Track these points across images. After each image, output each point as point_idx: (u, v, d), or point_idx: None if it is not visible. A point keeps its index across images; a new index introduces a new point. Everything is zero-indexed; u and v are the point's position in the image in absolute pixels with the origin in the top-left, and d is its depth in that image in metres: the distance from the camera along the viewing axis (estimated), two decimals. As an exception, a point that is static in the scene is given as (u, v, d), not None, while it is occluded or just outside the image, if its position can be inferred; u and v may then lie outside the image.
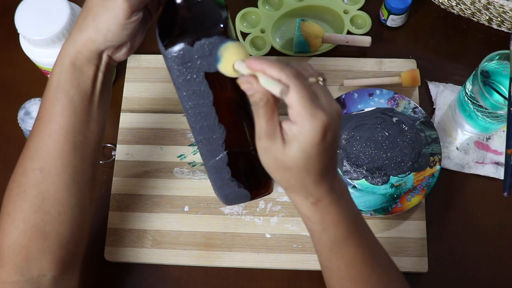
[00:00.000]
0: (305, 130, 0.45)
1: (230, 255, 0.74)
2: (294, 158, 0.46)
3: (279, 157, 0.47)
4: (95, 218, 0.77)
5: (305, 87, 0.45)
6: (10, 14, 0.72)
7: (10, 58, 0.84)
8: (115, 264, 0.75)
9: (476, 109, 0.73)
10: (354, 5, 0.88)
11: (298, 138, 0.45)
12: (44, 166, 0.56)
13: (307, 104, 0.44)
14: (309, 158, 0.46)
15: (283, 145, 0.46)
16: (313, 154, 0.46)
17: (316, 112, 0.44)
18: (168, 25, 0.53)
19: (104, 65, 0.57)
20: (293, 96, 0.45)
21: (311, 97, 0.45)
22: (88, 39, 0.54)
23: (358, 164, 0.77)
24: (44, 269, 0.57)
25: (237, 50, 0.49)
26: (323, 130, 0.45)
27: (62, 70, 0.55)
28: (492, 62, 0.74)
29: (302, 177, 0.48)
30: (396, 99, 0.79)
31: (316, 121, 0.44)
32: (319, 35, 0.83)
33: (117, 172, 0.78)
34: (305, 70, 0.47)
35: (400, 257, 0.73)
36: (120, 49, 0.56)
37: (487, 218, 0.76)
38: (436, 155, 0.75)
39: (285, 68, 0.45)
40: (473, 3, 0.81)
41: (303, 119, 0.45)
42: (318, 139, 0.45)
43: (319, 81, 0.47)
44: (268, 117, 0.47)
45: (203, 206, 0.76)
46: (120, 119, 0.81)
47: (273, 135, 0.47)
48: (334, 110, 0.46)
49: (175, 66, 0.52)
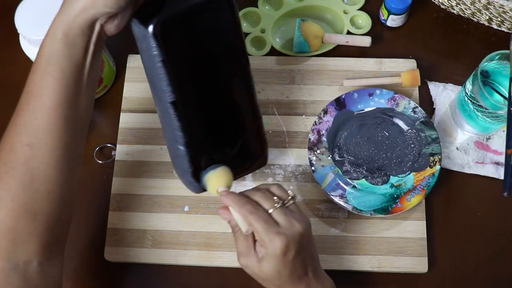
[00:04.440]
0: (269, 251, 0.56)
1: (230, 255, 0.74)
2: (267, 271, 0.57)
3: (256, 271, 0.58)
4: (95, 218, 0.77)
5: (263, 219, 0.56)
6: (10, 14, 0.72)
7: (10, 58, 0.84)
8: (115, 264, 0.75)
9: (476, 109, 0.73)
10: (354, 5, 0.88)
11: (265, 258, 0.56)
12: (34, 141, 0.55)
13: (266, 233, 0.55)
14: (278, 270, 0.57)
15: (257, 262, 0.57)
16: (281, 267, 0.56)
17: (274, 237, 0.55)
18: None
19: (96, 36, 0.56)
20: (255, 228, 0.56)
21: (269, 226, 0.56)
22: (85, 5, 0.53)
23: (358, 164, 0.77)
24: (30, 254, 0.56)
25: (219, 177, 0.60)
26: (283, 249, 0.55)
27: (55, 42, 0.54)
28: (492, 62, 0.74)
29: (278, 284, 0.58)
30: (396, 99, 0.79)
31: (275, 244, 0.55)
32: (319, 35, 0.83)
33: (117, 172, 0.78)
34: (268, 198, 0.58)
35: (400, 257, 0.73)
36: (113, 19, 0.56)
37: (487, 218, 0.76)
38: (436, 155, 0.75)
39: (244, 206, 0.57)
40: (473, 3, 0.81)
41: (265, 244, 0.56)
42: (280, 256, 0.56)
43: (286, 203, 0.58)
44: (242, 240, 0.58)
45: (203, 206, 0.76)
46: (120, 119, 0.81)
47: (248, 254, 0.58)
48: (293, 231, 0.56)
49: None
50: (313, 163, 0.76)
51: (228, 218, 0.59)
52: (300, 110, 0.81)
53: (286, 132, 0.80)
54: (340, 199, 0.74)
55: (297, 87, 0.83)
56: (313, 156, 0.76)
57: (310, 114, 0.81)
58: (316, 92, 0.82)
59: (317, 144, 0.77)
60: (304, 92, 0.82)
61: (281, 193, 0.59)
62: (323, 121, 0.78)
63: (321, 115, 0.78)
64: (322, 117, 0.78)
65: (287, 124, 0.81)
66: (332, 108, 0.79)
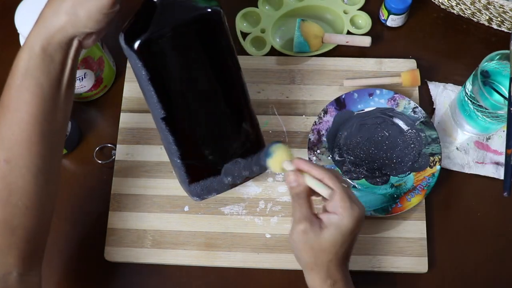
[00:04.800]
0: (345, 219, 0.55)
1: (230, 255, 0.74)
2: (330, 240, 0.56)
3: (315, 239, 0.56)
4: (95, 218, 0.77)
5: (343, 186, 0.56)
6: (10, 14, 0.72)
7: (10, 58, 0.84)
8: (115, 264, 0.74)
9: (476, 109, 0.73)
10: (354, 5, 0.88)
11: (337, 225, 0.55)
12: (11, 156, 0.55)
13: (347, 200, 0.56)
14: (343, 242, 0.56)
15: (320, 229, 0.56)
16: (346, 239, 0.56)
17: (354, 206, 0.56)
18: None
19: (74, 51, 0.56)
20: (336, 192, 0.56)
21: (349, 194, 0.56)
22: (65, 24, 0.53)
23: (358, 164, 0.77)
24: (10, 266, 0.56)
25: (286, 151, 0.60)
26: (358, 221, 0.56)
27: (32, 56, 0.54)
28: (492, 62, 0.74)
29: (330, 258, 0.57)
30: (396, 99, 0.79)
31: (354, 213, 0.55)
32: (319, 35, 0.83)
33: (117, 172, 0.78)
34: (339, 176, 0.59)
35: (400, 257, 0.73)
36: (90, 35, 0.56)
37: (487, 218, 0.76)
38: (436, 155, 0.75)
39: (327, 171, 0.58)
40: (473, 3, 0.81)
41: (344, 210, 0.55)
42: (354, 227, 0.56)
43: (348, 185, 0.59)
44: (307, 206, 0.58)
45: (203, 206, 0.76)
46: (120, 119, 0.81)
47: (312, 220, 0.57)
48: (364, 210, 0.57)
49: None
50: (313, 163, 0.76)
51: (297, 183, 0.58)
52: (300, 110, 0.81)
53: (286, 132, 0.80)
54: (340, 199, 0.74)
55: (297, 87, 0.83)
56: (313, 156, 0.76)
57: (310, 114, 0.81)
58: (316, 92, 0.82)
59: (317, 144, 0.77)
60: (304, 92, 0.82)
61: (342, 178, 0.61)
62: (323, 121, 0.78)
63: (321, 115, 0.78)
64: (322, 117, 0.78)
65: (287, 124, 0.81)
66: (332, 108, 0.79)
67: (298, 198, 0.58)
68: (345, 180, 0.62)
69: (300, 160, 0.59)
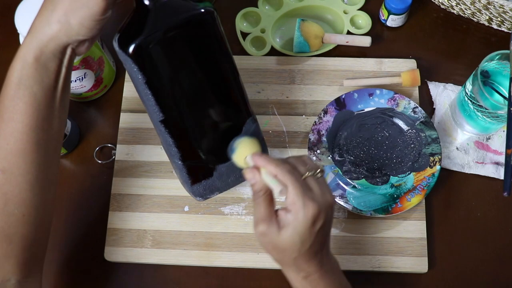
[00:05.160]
0: (299, 217, 0.52)
1: (230, 255, 0.74)
2: (288, 241, 0.53)
3: (275, 240, 0.54)
4: (95, 218, 0.77)
5: (299, 181, 0.53)
6: (10, 13, 0.72)
7: (10, 58, 0.84)
8: (115, 264, 0.74)
9: (476, 109, 0.73)
10: (354, 5, 0.88)
11: (292, 224, 0.53)
12: (6, 166, 0.55)
13: (300, 196, 0.52)
14: (301, 241, 0.53)
15: (278, 230, 0.53)
16: (305, 238, 0.53)
17: (308, 203, 0.52)
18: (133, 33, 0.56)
19: (67, 59, 0.56)
20: (290, 189, 0.52)
21: (304, 189, 0.53)
22: (58, 32, 0.53)
23: (358, 164, 0.77)
24: (8, 274, 0.56)
25: (249, 145, 0.57)
26: (313, 218, 0.52)
27: (25, 66, 0.54)
28: (492, 62, 0.74)
29: (295, 256, 0.54)
30: (396, 99, 0.79)
31: (308, 210, 0.52)
32: (319, 35, 0.83)
33: (117, 172, 0.78)
34: (302, 165, 0.55)
35: (400, 257, 0.73)
36: (84, 43, 0.56)
37: (487, 218, 0.76)
38: (436, 155, 0.75)
39: (282, 165, 0.54)
40: (473, 3, 0.81)
41: (296, 208, 0.52)
42: (309, 225, 0.52)
43: (316, 174, 0.55)
44: (266, 205, 0.55)
45: (203, 206, 0.76)
46: (120, 119, 0.81)
47: (269, 221, 0.54)
48: (325, 201, 0.54)
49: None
50: (313, 163, 0.76)
51: (254, 180, 0.55)
52: (300, 110, 0.81)
53: (286, 132, 0.80)
54: (340, 199, 0.74)
55: (297, 87, 0.83)
56: (313, 156, 0.76)
57: (310, 114, 0.81)
58: (316, 92, 0.82)
59: (317, 144, 0.77)
60: (304, 92, 0.82)
61: (311, 162, 0.57)
62: (323, 121, 0.78)
63: (321, 115, 0.78)
64: (322, 117, 0.78)
65: (287, 124, 0.81)
66: (332, 108, 0.79)
67: (257, 197, 0.55)
68: (317, 167, 0.56)
69: (257, 155, 0.56)
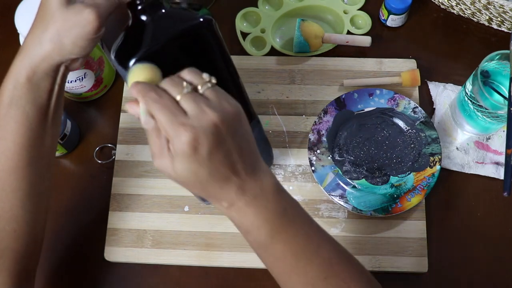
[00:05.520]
0: (176, 148, 0.46)
1: (230, 255, 0.74)
2: (181, 173, 0.47)
3: (171, 174, 0.48)
4: (95, 218, 0.77)
5: (165, 108, 0.46)
6: (10, 13, 0.72)
7: (10, 58, 0.84)
8: (115, 264, 0.74)
9: (476, 109, 0.73)
10: (354, 5, 0.88)
11: (175, 156, 0.46)
12: None
13: (170, 124, 0.45)
14: (193, 170, 0.46)
15: (171, 163, 0.47)
16: (194, 166, 0.46)
17: (178, 129, 0.45)
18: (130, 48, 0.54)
19: (60, 77, 0.56)
20: (157, 118, 0.46)
21: (174, 115, 0.45)
22: (50, 52, 0.53)
23: (358, 164, 0.77)
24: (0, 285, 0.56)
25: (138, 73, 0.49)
26: (190, 144, 0.45)
27: (17, 86, 0.53)
28: (492, 62, 0.74)
29: (200, 187, 0.48)
30: (396, 99, 0.79)
31: (181, 138, 0.45)
32: (319, 35, 0.83)
33: (117, 172, 0.78)
34: (175, 86, 0.47)
35: (400, 257, 0.73)
36: (77, 60, 0.55)
37: (487, 218, 0.76)
38: (436, 155, 0.75)
39: (148, 94, 0.46)
40: (473, 3, 0.81)
41: (171, 138, 0.46)
42: (190, 152, 0.45)
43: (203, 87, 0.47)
44: (154, 137, 0.47)
45: (203, 206, 0.76)
46: (120, 119, 0.81)
47: (161, 155, 0.47)
48: (204, 120, 0.45)
49: None
50: (313, 163, 0.76)
51: (135, 114, 0.48)
52: (300, 110, 0.81)
53: (286, 132, 0.80)
54: (340, 199, 0.74)
55: (297, 87, 0.83)
56: (313, 156, 0.76)
57: (310, 114, 0.81)
58: (316, 92, 0.82)
59: (317, 144, 0.77)
60: (304, 92, 0.82)
61: (193, 77, 0.48)
62: (323, 121, 0.78)
63: (321, 115, 0.78)
64: (322, 117, 0.78)
65: (287, 124, 0.81)
66: (332, 108, 0.79)
67: (145, 130, 0.48)
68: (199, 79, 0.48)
69: (134, 85, 0.48)
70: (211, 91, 0.48)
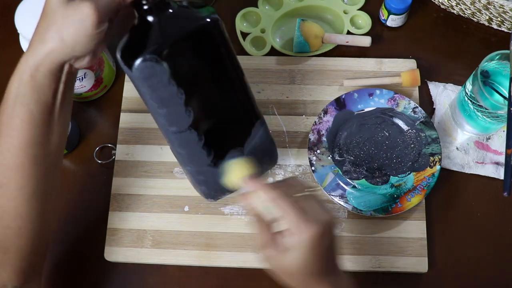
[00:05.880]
0: (303, 239, 0.50)
1: (230, 255, 0.74)
2: (295, 264, 0.52)
3: (281, 263, 0.53)
4: (95, 218, 0.77)
5: (293, 204, 0.51)
6: (10, 13, 0.72)
7: (10, 58, 0.84)
8: (115, 264, 0.75)
9: (476, 109, 0.73)
10: (354, 5, 0.88)
11: (296, 247, 0.51)
12: (2, 181, 0.55)
13: (299, 218, 0.51)
14: (308, 263, 0.52)
15: (282, 254, 0.52)
16: (311, 260, 0.52)
17: (308, 224, 0.50)
18: (135, 44, 0.54)
19: (65, 75, 0.55)
20: (286, 212, 0.51)
21: (300, 211, 0.51)
22: (52, 51, 0.52)
23: (358, 164, 0.77)
24: (4, 281, 0.56)
25: (239, 169, 0.57)
26: (318, 238, 0.50)
27: (21, 83, 0.53)
28: (492, 62, 0.74)
29: (304, 278, 0.53)
30: (396, 99, 0.79)
31: (309, 231, 0.50)
32: (319, 35, 0.83)
33: (117, 172, 0.78)
34: (292, 187, 0.54)
35: (400, 257, 0.73)
36: (83, 58, 0.55)
37: (487, 218, 0.76)
38: (436, 155, 0.75)
39: (275, 189, 0.52)
40: (473, 3, 0.81)
41: (297, 231, 0.50)
42: (314, 246, 0.51)
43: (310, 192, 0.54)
44: (264, 230, 0.54)
45: (203, 206, 0.76)
46: (120, 119, 0.81)
47: (271, 245, 0.53)
48: (325, 220, 0.52)
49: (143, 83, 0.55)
50: (313, 163, 0.76)
51: (250, 206, 0.54)
52: (300, 110, 0.81)
53: (286, 132, 0.80)
54: (340, 199, 0.74)
55: (297, 87, 0.83)
56: (313, 156, 0.76)
57: (310, 114, 0.81)
58: (316, 92, 0.82)
59: (317, 144, 0.77)
60: (304, 92, 0.82)
61: (299, 182, 0.56)
62: (323, 121, 0.78)
63: (321, 115, 0.78)
64: (322, 117, 0.78)
65: (287, 124, 0.81)
66: (332, 108, 0.79)
67: (254, 223, 0.54)
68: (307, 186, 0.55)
69: (250, 179, 0.55)
70: (314, 196, 0.54)
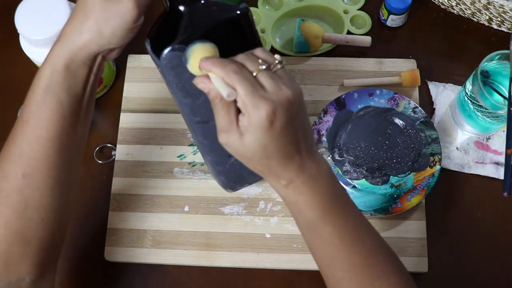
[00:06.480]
0: (253, 119, 0.47)
1: (230, 255, 0.74)
2: (250, 148, 0.48)
3: (238, 148, 0.49)
4: (95, 218, 0.77)
5: (247, 79, 0.48)
6: (10, 13, 0.72)
7: (10, 58, 0.84)
8: (115, 264, 0.75)
9: (476, 109, 0.73)
10: (354, 5, 0.88)
11: (248, 129, 0.48)
12: (28, 171, 0.55)
13: (249, 96, 0.47)
14: (263, 143, 0.48)
15: (240, 137, 0.49)
16: (267, 141, 0.48)
17: (259, 102, 0.47)
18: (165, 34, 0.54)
19: (97, 67, 0.56)
20: (238, 91, 0.47)
21: (254, 88, 0.47)
22: (89, 42, 0.53)
23: (358, 164, 0.77)
24: (23, 274, 0.56)
25: (201, 51, 0.51)
26: (268, 116, 0.47)
27: (54, 73, 0.54)
28: (492, 62, 0.74)
29: (265, 162, 0.50)
30: (396, 99, 0.79)
31: (260, 110, 0.46)
32: (319, 35, 0.83)
33: (117, 172, 0.78)
34: (252, 60, 0.49)
35: (400, 257, 0.72)
36: (114, 49, 0.56)
37: (487, 218, 0.76)
38: (436, 155, 0.75)
39: (228, 65, 0.48)
40: (473, 3, 0.81)
41: (249, 110, 0.47)
42: (266, 125, 0.47)
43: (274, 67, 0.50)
44: (223, 113, 0.49)
45: (203, 206, 0.76)
46: (120, 119, 0.81)
47: (229, 130, 0.49)
48: (281, 96, 0.48)
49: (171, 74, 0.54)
50: (313, 163, 0.76)
51: (207, 88, 0.49)
52: (300, 110, 0.81)
53: (286, 132, 0.80)
54: (340, 199, 0.74)
55: (297, 87, 0.83)
56: (313, 156, 0.76)
57: (310, 114, 0.81)
58: (316, 92, 0.82)
59: (317, 144, 0.77)
60: (304, 92, 0.81)
61: (266, 56, 0.51)
62: (323, 121, 0.78)
63: (321, 115, 0.78)
64: (322, 117, 0.78)
65: (287, 124, 0.80)
66: (332, 108, 0.79)
67: (214, 105, 0.50)
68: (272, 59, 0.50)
69: (204, 59, 0.50)
70: (282, 71, 0.50)
